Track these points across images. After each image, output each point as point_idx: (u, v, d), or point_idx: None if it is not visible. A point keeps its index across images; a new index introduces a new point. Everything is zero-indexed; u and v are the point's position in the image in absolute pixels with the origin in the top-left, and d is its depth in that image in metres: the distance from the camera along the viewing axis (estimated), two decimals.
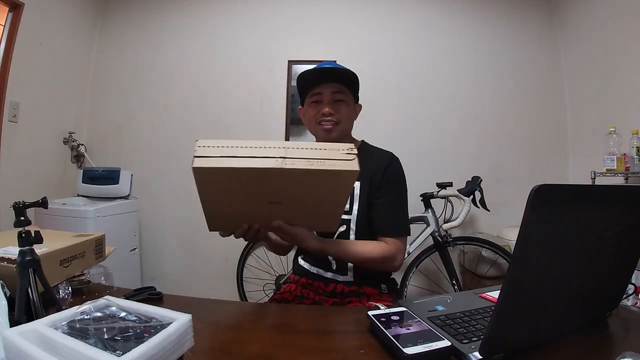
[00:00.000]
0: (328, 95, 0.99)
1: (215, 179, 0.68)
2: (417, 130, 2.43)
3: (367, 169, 0.98)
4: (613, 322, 0.70)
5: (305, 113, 1.05)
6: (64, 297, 0.74)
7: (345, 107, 1.00)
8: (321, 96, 0.99)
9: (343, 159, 0.68)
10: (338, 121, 0.99)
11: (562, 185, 0.48)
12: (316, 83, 1.00)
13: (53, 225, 1.76)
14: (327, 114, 0.98)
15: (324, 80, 0.99)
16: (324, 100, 0.99)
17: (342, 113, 0.99)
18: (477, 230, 2.39)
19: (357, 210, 0.98)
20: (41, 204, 0.65)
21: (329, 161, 0.67)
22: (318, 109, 0.99)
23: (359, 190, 0.99)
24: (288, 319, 0.78)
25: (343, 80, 1.00)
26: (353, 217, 0.99)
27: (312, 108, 1.01)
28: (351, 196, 0.99)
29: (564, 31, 2.42)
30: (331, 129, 0.99)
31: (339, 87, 0.99)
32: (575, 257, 0.56)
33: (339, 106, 0.99)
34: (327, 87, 0.98)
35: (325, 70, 0.99)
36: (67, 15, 2.36)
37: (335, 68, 1.00)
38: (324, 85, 0.99)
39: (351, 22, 2.50)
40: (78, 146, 2.44)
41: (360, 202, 0.99)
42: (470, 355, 0.53)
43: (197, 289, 2.47)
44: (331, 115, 0.98)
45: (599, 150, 1.89)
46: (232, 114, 2.51)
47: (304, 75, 1.01)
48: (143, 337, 0.45)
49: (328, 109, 0.98)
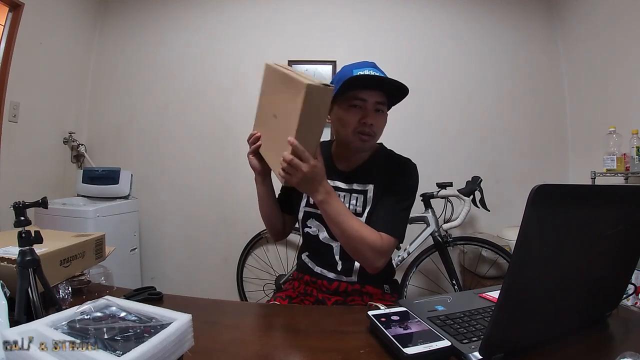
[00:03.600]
0: (372, 105, 0.91)
1: (270, 77, 0.93)
2: (417, 130, 2.43)
3: (382, 173, 0.98)
4: (613, 322, 0.70)
5: (337, 114, 0.95)
6: (64, 297, 0.74)
7: (383, 118, 0.94)
8: (365, 103, 0.91)
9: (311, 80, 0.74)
10: (375, 133, 0.93)
11: (562, 185, 0.48)
12: (364, 87, 0.91)
13: (53, 225, 1.76)
14: (369, 125, 0.91)
15: (373, 87, 0.92)
16: (367, 108, 0.91)
17: (380, 126, 0.93)
18: (477, 230, 2.39)
19: (368, 212, 0.97)
20: (41, 204, 0.65)
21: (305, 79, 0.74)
22: (358, 117, 0.91)
23: (372, 192, 0.97)
24: (288, 319, 0.78)
25: (392, 91, 0.92)
26: (364, 219, 0.97)
27: (350, 113, 0.92)
28: (364, 199, 0.97)
29: (564, 31, 2.42)
30: (368, 140, 0.93)
31: (383, 97, 0.93)
32: (575, 257, 0.56)
33: (378, 117, 0.93)
34: (374, 95, 0.91)
35: (383, 80, 0.90)
36: (67, 15, 2.35)
37: (393, 81, 0.90)
38: (371, 92, 0.91)
39: (351, 22, 2.50)
40: (78, 146, 2.44)
41: (372, 204, 0.97)
42: (470, 355, 0.53)
43: (197, 289, 2.47)
44: (372, 126, 0.91)
45: (599, 150, 1.88)
46: (232, 114, 2.51)
47: (357, 78, 0.89)
48: (143, 337, 0.45)
49: (370, 120, 0.91)
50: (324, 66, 2.46)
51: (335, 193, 0.87)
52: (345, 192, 1.00)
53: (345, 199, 0.99)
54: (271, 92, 0.92)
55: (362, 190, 0.98)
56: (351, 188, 0.99)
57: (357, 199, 0.98)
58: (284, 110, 0.83)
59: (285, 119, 0.81)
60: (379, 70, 0.95)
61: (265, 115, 0.93)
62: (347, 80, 0.89)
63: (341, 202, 0.88)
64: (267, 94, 0.94)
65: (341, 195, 0.99)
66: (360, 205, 0.98)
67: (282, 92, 0.83)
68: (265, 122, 0.93)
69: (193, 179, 2.50)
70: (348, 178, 1.00)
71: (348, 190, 1.00)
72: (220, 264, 2.48)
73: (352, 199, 0.99)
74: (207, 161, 2.51)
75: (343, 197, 1.00)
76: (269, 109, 0.92)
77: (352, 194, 0.99)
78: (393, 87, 0.91)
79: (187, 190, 2.50)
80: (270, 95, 0.92)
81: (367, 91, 0.91)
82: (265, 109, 0.95)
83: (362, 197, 0.98)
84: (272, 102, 0.91)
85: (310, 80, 0.73)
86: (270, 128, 0.90)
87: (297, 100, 0.74)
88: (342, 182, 1.00)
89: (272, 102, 0.91)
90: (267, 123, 0.92)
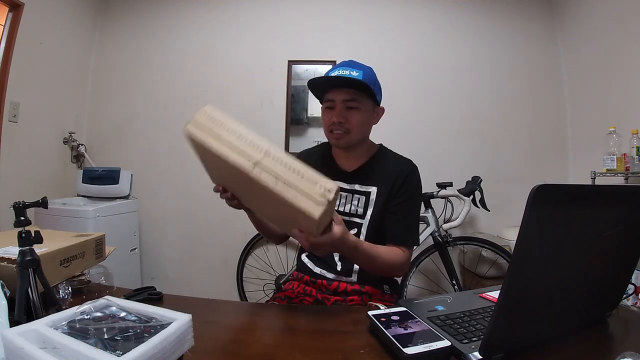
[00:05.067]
0: (339, 103, 0.95)
1: (199, 149, 0.67)
2: (417, 130, 2.43)
3: (385, 175, 0.98)
4: (613, 322, 0.70)
5: (322, 116, 1.02)
6: (64, 297, 0.74)
7: (357, 114, 0.95)
8: (333, 103, 0.96)
9: (311, 196, 0.59)
10: (347, 130, 0.95)
11: (562, 185, 0.48)
12: (328, 88, 0.96)
13: (53, 225, 1.76)
14: (337, 123, 0.94)
15: (336, 87, 0.95)
16: (336, 107, 0.95)
17: (353, 122, 0.95)
18: (477, 230, 2.39)
19: (370, 215, 0.98)
20: (41, 204, 0.65)
21: (295, 191, 0.59)
22: (330, 116, 0.96)
23: (375, 195, 0.98)
24: (288, 319, 0.78)
25: (355, 87, 0.94)
26: (366, 221, 0.98)
27: (325, 114, 0.99)
28: (366, 200, 0.99)
29: (564, 32, 2.41)
30: (339, 137, 0.96)
31: (351, 93, 0.94)
32: (575, 257, 0.56)
33: (350, 114, 0.95)
34: (339, 93, 0.94)
35: (333, 79, 0.94)
36: (67, 15, 2.35)
37: (343, 77, 0.92)
38: (336, 91, 0.95)
39: (351, 22, 2.50)
40: (78, 146, 2.44)
41: (375, 207, 0.98)
42: (470, 355, 0.53)
43: (197, 289, 2.46)
44: (340, 124, 0.94)
45: (599, 150, 1.88)
46: (232, 114, 2.46)
47: (313, 82, 0.96)
48: (143, 337, 0.45)
49: (336, 118, 0.94)
50: (324, 66, 2.46)
51: (359, 240, 0.85)
52: (347, 192, 1.01)
53: (347, 199, 1.00)
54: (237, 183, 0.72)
55: (365, 191, 0.99)
56: (353, 189, 1.00)
57: (358, 199, 1.00)
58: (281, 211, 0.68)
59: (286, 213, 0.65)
60: (354, 65, 0.96)
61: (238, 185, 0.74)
62: (309, 85, 0.97)
63: (366, 243, 0.87)
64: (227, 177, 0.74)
65: (343, 195, 1.00)
66: (361, 207, 0.99)
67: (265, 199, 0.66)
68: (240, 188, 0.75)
69: (193, 178, 2.50)
70: (350, 178, 1.01)
71: (350, 191, 1.01)
72: (220, 264, 2.48)
73: (354, 199, 1.00)
74: None
75: (345, 198, 1.00)
76: (242, 188, 0.73)
77: (354, 194, 1.00)
78: (351, 83, 0.92)
79: (187, 190, 2.50)
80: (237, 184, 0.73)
81: (334, 91, 0.95)
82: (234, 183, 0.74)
83: (364, 198, 0.99)
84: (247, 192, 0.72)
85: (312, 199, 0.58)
86: (257, 199, 0.74)
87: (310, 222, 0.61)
88: (344, 182, 1.01)
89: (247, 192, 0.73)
90: (246, 191, 0.73)
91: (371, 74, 0.97)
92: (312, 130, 2.50)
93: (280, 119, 2.48)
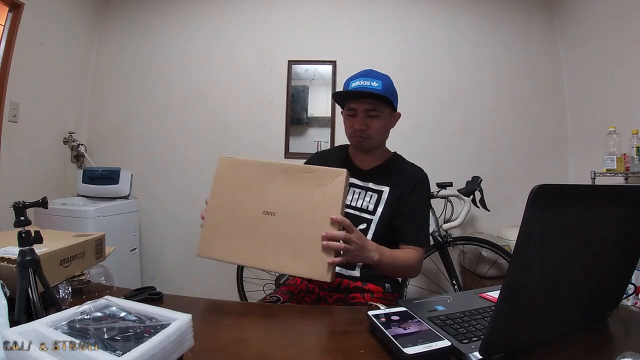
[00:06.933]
0: (361, 112, 1.03)
1: (234, 170, 0.87)
2: (417, 130, 2.43)
3: (399, 178, 1.06)
4: (613, 322, 0.70)
5: (343, 120, 1.11)
6: (64, 297, 0.74)
7: (377, 122, 1.04)
8: (355, 111, 1.04)
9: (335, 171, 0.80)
10: (369, 136, 1.04)
11: (562, 185, 0.49)
12: (350, 99, 1.04)
13: (53, 225, 1.76)
14: (359, 130, 1.03)
15: (358, 98, 1.03)
16: (358, 116, 1.04)
17: (374, 128, 1.04)
18: (477, 230, 2.39)
19: (380, 212, 1.03)
20: (41, 204, 0.65)
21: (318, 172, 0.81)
22: (352, 123, 1.05)
23: (387, 194, 1.04)
24: (288, 318, 0.78)
25: (375, 97, 1.02)
26: (376, 217, 1.03)
27: (348, 120, 1.07)
28: (378, 198, 1.05)
29: (564, 32, 2.41)
30: (361, 141, 1.05)
31: (372, 104, 1.02)
32: (575, 257, 0.56)
33: (371, 121, 1.03)
34: (361, 104, 1.02)
35: (356, 93, 1.02)
36: (67, 15, 2.35)
37: (366, 92, 1.00)
38: (358, 102, 1.03)
39: (351, 22, 2.50)
40: (78, 146, 2.44)
41: (386, 207, 1.03)
42: (470, 355, 0.53)
43: (197, 289, 2.46)
44: (362, 130, 1.03)
45: (599, 150, 1.88)
46: (232, 114, 2.51)
47: (337, 94, 1.06)
48: (143, 337, 0.45)
49: (359, 126, 1.03)
50: (324, 66, 2.46)
51: (381, 246, 0.90)
52: (361, 189, 1.07)
53: (359, 195, 1.06)
54: (249, 187, 0.85)
55: (378, 190, 1.06)
56: (367, 186, 1.07)
57: (371, 196, 1.06)
58: (297, 202, 0.81)
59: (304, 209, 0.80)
60: (373, 75, 1.03)
61: (243, 213, 0.84)
62: (335, 97, 1.09)
63: (387, 249, 0.92)
64: (236, 189, 0.86)
65: (356, 191, 1.07)
66: (372, 204, 1.05)
67: (282, 183, 0.82)
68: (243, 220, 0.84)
69: (193, 178, 2.50)
70: (364, 176, 1.08)
71: (364, 188, 1.07)
72: (220, 264, 2.47)
73: (367, 196, 1.06)
74: (207, 161, 2.51)
75: (358, 194, 1.07)
76: (249, 205, 0.84)
77: (367, 191, 1.06)
78: (373, 97, 1.01)
79: (187, 190, 2.50)
80: (248, 190, 0.85)
81: (356, 101, 1.04)
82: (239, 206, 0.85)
83: (377, 196, 1.05)
84: (256, 196, 0.83)
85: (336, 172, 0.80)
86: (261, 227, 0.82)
87: (335, 185, 0.79)
88: (359, 180, 1.07)
89: (257, 197, 0.83)
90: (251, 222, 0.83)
91: (389, 83, 1.04)
92: (312, 130, 2.50)
93: (280, 119, 2.48)
